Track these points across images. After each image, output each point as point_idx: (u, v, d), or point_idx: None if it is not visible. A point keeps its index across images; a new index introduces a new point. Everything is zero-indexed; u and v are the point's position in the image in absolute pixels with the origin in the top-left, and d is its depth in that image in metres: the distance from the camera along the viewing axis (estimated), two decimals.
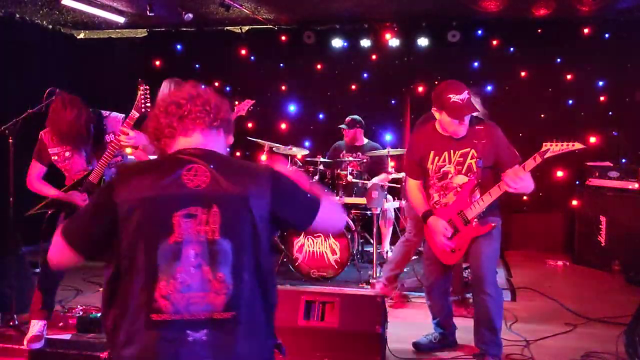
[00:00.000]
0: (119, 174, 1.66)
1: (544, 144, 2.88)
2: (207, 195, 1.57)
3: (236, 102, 4.58)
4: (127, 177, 1.61)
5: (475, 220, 3.16)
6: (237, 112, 4.70)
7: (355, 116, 5.88)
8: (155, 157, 4.09)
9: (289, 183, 1.73)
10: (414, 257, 5.77)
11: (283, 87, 7.10)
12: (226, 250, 1.56)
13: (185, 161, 1.61)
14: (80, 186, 3.52)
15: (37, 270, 4.55)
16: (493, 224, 3.17)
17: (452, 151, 3.18)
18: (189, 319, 1.52)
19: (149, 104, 3.48)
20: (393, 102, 6.95)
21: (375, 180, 5.37)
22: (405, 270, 5.46)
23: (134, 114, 3.44)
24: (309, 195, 1.75)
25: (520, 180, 2.91)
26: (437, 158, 3.23)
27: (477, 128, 3.16)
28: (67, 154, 3.55)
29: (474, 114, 3.15)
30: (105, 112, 3.66)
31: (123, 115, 3.67)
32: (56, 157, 3.55)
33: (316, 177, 5.49)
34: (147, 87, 3.46)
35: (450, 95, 3.06)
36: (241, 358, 1.57)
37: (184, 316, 1.52)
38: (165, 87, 4.78)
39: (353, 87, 7.01)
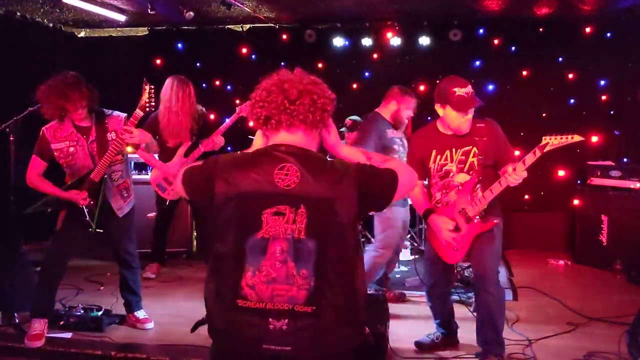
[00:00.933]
0: (219, 164, 1.73)
1: (543, 137, 2.88)
2: (295, 195, 1.65)
3: (237, 101, 4.59)
4: (225, 169, 1.70)
5: (477, 217, 3.15)
6: (239, 113, 4.71)
7: (356, 117, 5.85)
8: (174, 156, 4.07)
9: (372, 174, 1.75)
10: (415, 257, 5.78)
11: None
12: (310, 249, 1.64)
13: (280, 159, 1.69)
14: (82, 184, 3.51)
15: (38, 268, 4.57)
16: (495, 221, 3.16)
17: (454, 149, 3.18)
18: (272, 308, 1.64)
19: (153, 104, 3.48)
20: None
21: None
22: (406, 269, 5.47)
23: (139, 113, 3.44)
24: (386, 175, 1.76)
25: (522, 175, 2.90)
26: (439, 157, 3.22)
27: (477, 125, 3.16)
28: (71, 149, 3.53)
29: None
30: (107, 111, 3.66)
31: (125, 114, 3.67)
32: (58, 153, 3.54)
33: None
34: (153, 87, 3.46)
35: (455, 89, 3.05)
36: (321, 349, 1.66)
37: (267, 305, 1.64)
38: (168, 85, 4.77)
39: (354, 86, 7.00)
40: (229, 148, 6.51)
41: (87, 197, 3.49)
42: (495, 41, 6.53)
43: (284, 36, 6.93)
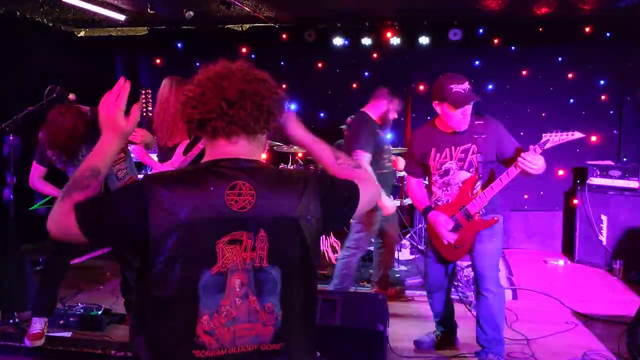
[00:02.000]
0: (152, 187, 1.37)
1: (543, 135, 2.89)
2: (253, 217, 1.39)
3: None
4: (159, 193, 1.35)
5: (478, 215, 3.15)
6: None
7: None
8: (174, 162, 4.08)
9: (334, 186, 1.56)
10: (415, 256, 5.79)
11: (284, 86, 7.08)
12: (275, 278, 1.42)
13: (229, 177, 1.40)
14: None
15: (38, 268, 4.57)
16: (496, 218, 3.16)
17: (453, 147, 3.18)
18: (235, 352, 1.39)
19: (150, 108, 3.48)
20: None
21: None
22: (406, 268, 5.48)
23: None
24: (347, 188, 1.58)
25: (537, 159, 2.85)
26: (438, 155, 3.22)
27: (477, 123, 3.16)
28: (63, 157, 3.54)
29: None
30: None
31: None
32: (55, 158, 3.55)
33: None
34: (149, 91, 3.46)
35: (452, 86, 3.05)
36: None
37: (229, 350, 1.38)
38: (166, 86, 4.77)
39: (354, 85, 7.00)
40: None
41: None
42: (495, 40, 6.52)
43: (284, 36, 6.93)
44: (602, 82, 6.38)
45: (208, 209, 1.36)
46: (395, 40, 6.64)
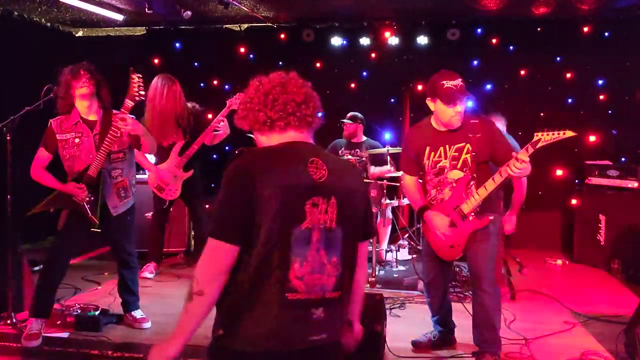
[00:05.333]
0: (254, 158, 1.68)
1: (535, 134, 2.86)
2: (327, 186, 1.71)
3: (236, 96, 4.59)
4: (263, 162, 1.66)
5: (472, 214, 3.14)
6: (229, 106, 4.69)
7: (357, 113, 5.88)
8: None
9: (370, 209, 1.96)
10: (413, 256, 5.78)
11: None
12: (338, 237, 1.72)
13: (307, 153, 1.73)
14: (80, 180, 3.51)
15: (36, 268, 4.56)
16: (490, 218, 3.15)
17: (447, 146, 3.18)
18: (312, 298, 1.67)
19: (142, 92, 3.46)
20: (392, 100, 6.94)
21: (377, 170, 5.38)
22: (404, 268, 5.47)
23: (129, 103, 3.44)
24: (371, 225, 1.97)
25: (523, 165, 2.85)
26: (432, 153, 3.22)
27: (472, 122, 3.15)
28: (76, 140, 3.54)
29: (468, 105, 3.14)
30: (115, 110, 3.66)
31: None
32: (63, 144, 3.54)
33: None
34: (140, 75, 3.44)
35: (444, 82, 3.06)
36: (342, 332, 1.80)
37: (310, 295, 1.67)
38: (153, 84, 4.75)
39: (352, 85, 7.00)
40: (226, 148, 6.52)
41: (85, 190, 3.49)
42: (493, 40, 6.53)
43: (282, 35, 6.92)
44: (600, 82, 6.38)
45: (298, 177, 1.67)
46: (393, 40, 6.64)
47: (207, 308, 1.63)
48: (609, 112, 6.37)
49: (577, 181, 6.22)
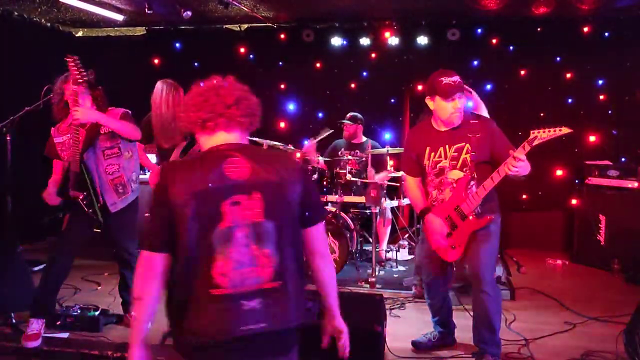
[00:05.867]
0: (168, 173, 1.82)
1: (531, 131, 2.87)
2: (248, 183, 1.78)
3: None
4: (176, 175, 1.79)
5: (473, 214, 3.14)
6: None
7: (356, 113, 5.88)
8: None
9: (311, 179, 1.91)
10: (413, 257, 5.78)
11: (282, 86, 7.08)
12: (269, 229, 1.78)
13: (227, 154, 1.81)
14: (67, 180, 3.51)
15: (36, 268, 4.56)
16: (491, 217, 3.15)
17: (447, 146, 3.18)
18: (244, 291, 1.75)
19: (84, 73, 3.41)
20: (392, 100, 6.94)
21: (376, 177, 5.36)
22: (404, 269, 5.47)
23: (72, 87, 3.40)
24: (322, 202, 1.94)
25: (520, 163, 2.87)
26: (432, 154, 3.22)
27: (471, 122, 3.15)
28: (72, 141, 3.53)
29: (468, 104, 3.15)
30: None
31: (123, 109, 3.66)
32: (60, 147, 3.56)
33: (315, 176, 5.48)
34: (75, 57, 3.37)
35: (442, 79, 3.10)
36: (292, 321, 1.82)
37: (238, 289, 1.74)
38: (158, 90, 4.75)
39: (352, 85, 6.99)
40: None
41: (52, 195, 3.52)
42: (493, 40, 6.52)
43: (282, 36, 6.92)
44: (600, 82, 6.37)
45: (213, 180, 1.76)
46: (393, 40, 6.64)
47: (148, 310, 1.81)
48: (609, 112, 6.36)
49: (577, 181, 6.21)
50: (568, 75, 6.44)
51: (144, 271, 1.81)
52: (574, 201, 6.09)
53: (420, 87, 6.61)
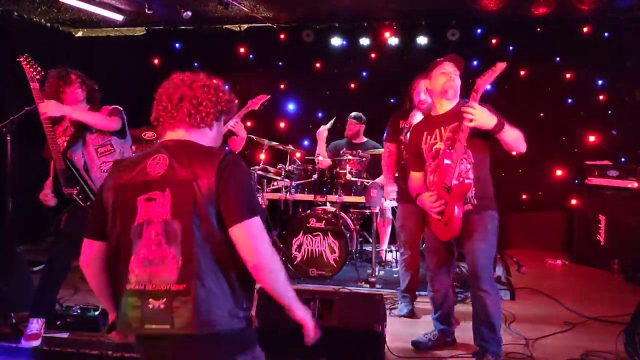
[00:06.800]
0: (113, 165, 1.94)
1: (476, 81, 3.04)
2: (163, 181, 1.77)
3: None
4: (115, 168, 1.90)
5: (455, 182, 3.08)
6: (248, 107, 4.53)
7: (359, 113, 5.89)
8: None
9: (235, 175, 1.77)
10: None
11: (282, 86, 7.08)
12: (176, 229, 1.74)
13: (154, 152, 1.84)
14: (58, 180, 3.51)
15: (36, 268, 4.56)
16: (468, 182, 3.07)
17: (442, 128, 3.20)
18: (152, 289, 1.74)
19: (39, 69, 3.42)
20: (392, 100, 6.94)
21: (377, 180, 5.36)
22: None
23: (34, 85, 3.40)
24: (248, 201, 1.78)
25: (470, 108, 2.94)
26: (429, 137, 3.25)
27: (466, 105, 3.13)
28: (65, 144, 3.53)
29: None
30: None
31: (113, 106, 3.67)
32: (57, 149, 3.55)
33: (315, 176, 5.48)
34: (26, 55, 3.40)
35: (437, 60, 3.28)
36: (202, 325, 1.70)
37: (146, 287, 1.75)
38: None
39: (352, 85, 7.00)
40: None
41: (47, 195, 3.51)
42: (493, 41, 6.53)
43: (282, 36, 6.92)
44: (600, 82, 6.38)
45: (134, 175, 1.81)
46: (393, 41, 6.65)
47: (99, 293, 1.96)
48: (609, 112, 6.37)
49: (577, 181, 6.22)
50: (568, 76, 6.45)
51: (81, 255, 1.91)
52: (573, 201, 6.09)
53: None
